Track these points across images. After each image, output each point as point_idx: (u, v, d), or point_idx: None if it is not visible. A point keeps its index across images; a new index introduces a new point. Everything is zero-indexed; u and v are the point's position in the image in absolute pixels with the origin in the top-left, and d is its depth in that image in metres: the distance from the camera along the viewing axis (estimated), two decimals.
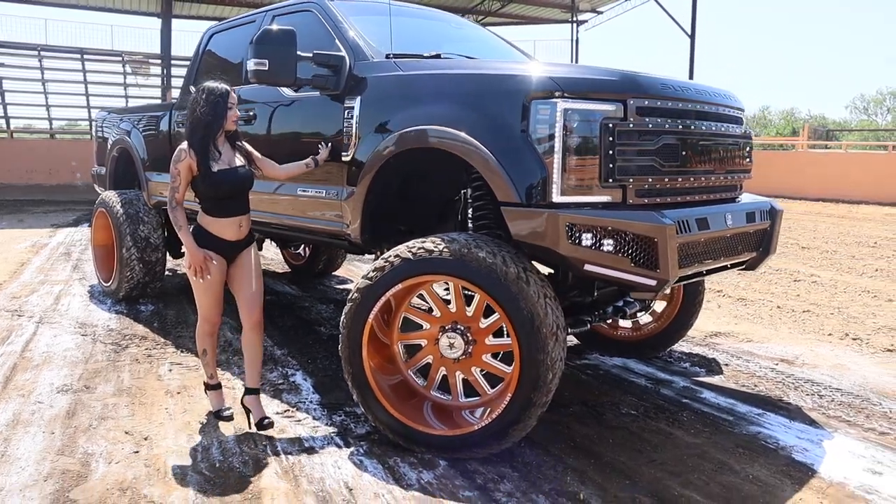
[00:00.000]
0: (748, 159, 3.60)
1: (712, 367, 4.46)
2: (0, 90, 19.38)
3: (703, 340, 5.07)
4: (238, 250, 3.34)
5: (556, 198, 2.75)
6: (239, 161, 3.29)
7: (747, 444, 3.27)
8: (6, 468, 2.85)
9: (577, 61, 26.25)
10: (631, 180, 2.81)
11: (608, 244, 2.72)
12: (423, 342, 3.18)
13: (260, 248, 7.28)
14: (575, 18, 25.89)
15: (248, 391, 3.35)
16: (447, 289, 3.11)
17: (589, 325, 3.61)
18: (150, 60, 22.21)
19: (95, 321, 5.28)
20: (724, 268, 3.49)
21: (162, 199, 5.55)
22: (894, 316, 5.81)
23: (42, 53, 20.58)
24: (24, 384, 3.85)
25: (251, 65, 3.45)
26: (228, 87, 3.23)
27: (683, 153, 2.98)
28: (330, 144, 3.63)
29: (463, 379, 3.12)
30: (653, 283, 2.76)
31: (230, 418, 3.39)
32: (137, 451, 3.04)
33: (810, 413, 3.68)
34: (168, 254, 6.01)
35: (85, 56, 21.04)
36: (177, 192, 3.21)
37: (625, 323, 4.64)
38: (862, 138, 40.18)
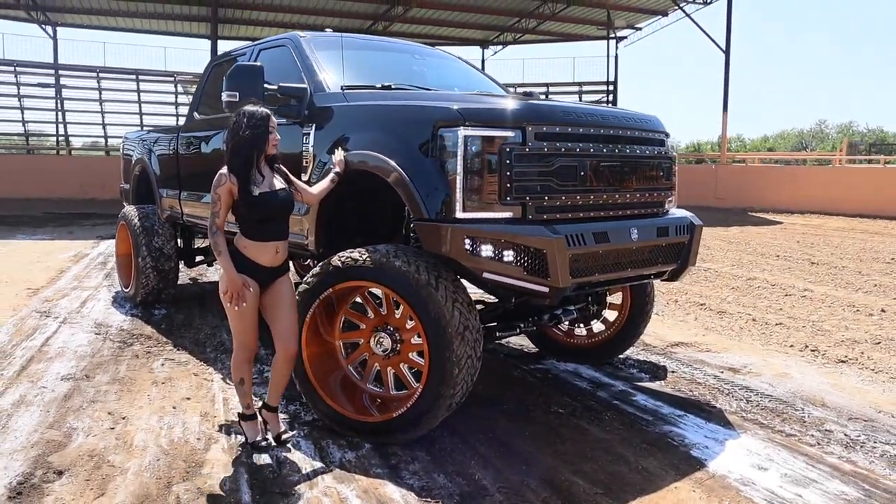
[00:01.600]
0: (667, 178, 3.92)
1: (658, 373, 4.74)
2: (62, 109, 20.85)
3: (662, 349, 5.34)
4: (273, 277, 3.30)
5: (459, 214, 3.15)
6: (279, 184, 3.28)
7: (654, 441, 3.58)
8: (3, 437, 3.40)
9: (616, 78, 26.41)
10: (528, 198, 3.19)
11: (504, 255, 3.11)
12: (361, 341, 3.62)
13: None
14: (612, 35, 26.09)
15: (268, 407, 3.43)
16: (380, 295, 3.54)
17: (519, 331, 3.99)
18: None
19: (111, 322, 5.90)
20: (642, 277, 3.83)
21: (172, 214, 6.17)
22: (866, 329, 5.94)
23: (100, 75, 21.99)
24: (35, 373, 4.45)
25: (224, 96, 3.97)
26: (269, 111, 3.24)
27: (582, 173, 3.34)
28: (341, 150, 3.69)
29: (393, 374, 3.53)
30: (545, 290, 3.13)
31: (266, 449, 3.33)
32: (113, 428, 3.56)
33: (729, 416, 3.95)
34: (183, 263, 6.63)
35: (140, 77, 22.41)
36: (217, 216, 3.15)
37: (579, 331, 4.96)
38: None
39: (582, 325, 4.86)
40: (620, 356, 5.00)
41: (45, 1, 21.08)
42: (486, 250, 3.11)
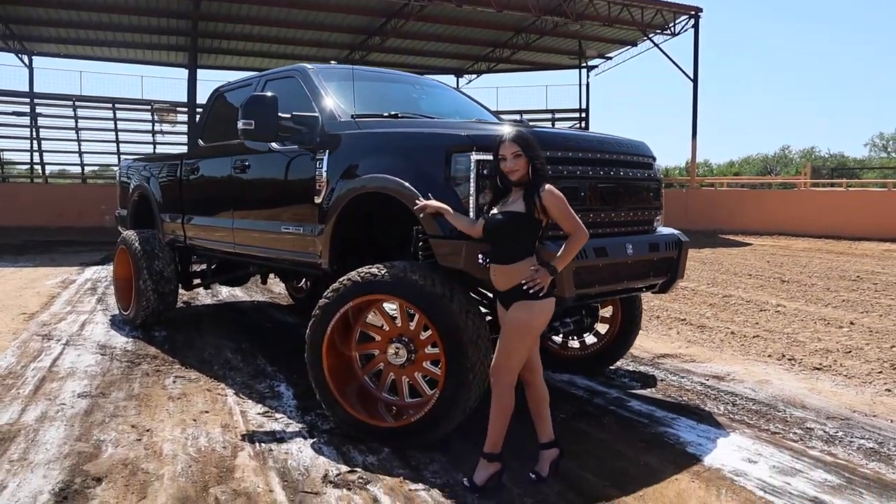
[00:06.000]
0: (656, 198, 4.25)
1: (648, 382, 5.03)
2: (37, 138, 20.79)
3: (650, 361, 5.65)
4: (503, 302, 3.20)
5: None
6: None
7: (651, 440, 3.85)
8: (35, 449, 3.54)
9: (587, 106, 27.20)
10: None
11: None
12: (376, 352, 3.85)
13: (264, 282, 8.05)
14: (584, 64, 26.91)
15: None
16: (395, 308, 3.78)
17: None
18: (178, 109, 23.57)
19: (114, 344, 6.02)
20: (636, 289, 4.13)
21: (174, 238, 6.34)
22: (837, 340, 6.32)
23: (76, 103, 22.01)
24: (50, 391, 4.57)
25: (240, 124, 4.22)
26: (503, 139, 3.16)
27: (583, 194, 3.65)
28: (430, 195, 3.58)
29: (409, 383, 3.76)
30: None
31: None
32: (140, 439, 3.72)
33: (718, 418, 4.24)
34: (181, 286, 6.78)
35: (116, 105, 22.49)
36: None
37: (573, 343, 5.24)
38: (881, 175, 40.35)
39: (576, 337, 5.14)
40: (611, 367, 5.29)
41: (22, 30, 21.12)
42: None
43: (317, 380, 3.77)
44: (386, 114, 4.40)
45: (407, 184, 3.58)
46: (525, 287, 3.05)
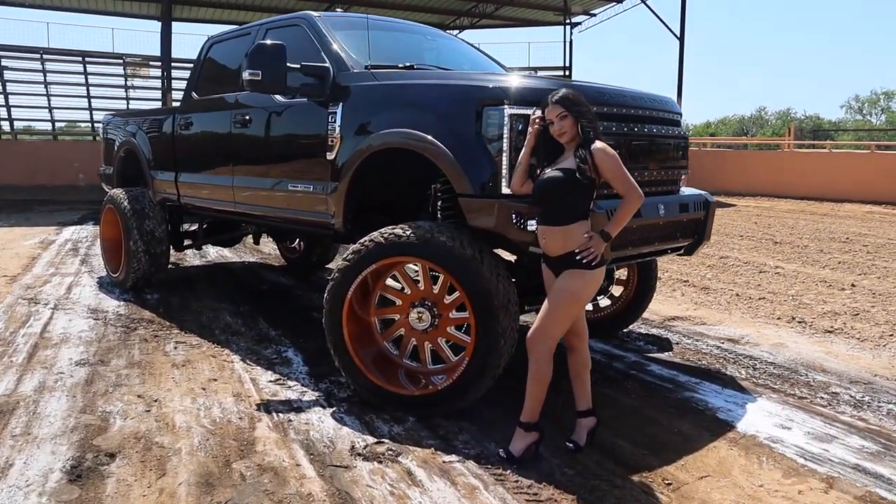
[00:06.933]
0: (684, 157, 4.08)
1: (664, 345, 4.94)
2: (5, 92, 19.88)
3: (661, 323, 5.55)
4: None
5: (505, 189, 3.23)
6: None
7: (679, 405, 3.76)
8: (38, 423, 3.33)
9: (570, 63, 26.78)
10: None
11: None
12: (396, 317, 3.67)
13: (257, 243, 7.79)
14: (568, 21, 26.39)
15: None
16: (417, 271, 3.59)
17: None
18: (151, 63, 22.69)
19: (106, 307, 5.76)
20: (664, 251, 3.99)
21: (167, 196, 6.04)
22: (843, 303, 6.29)
23: (44, 56, 21.04)
24: (45, 359, 4.33)
25: (246, 75, 3.92)
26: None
27: (619, 151, 3.45)
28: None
29: (430, 349, 3.60)
30: None
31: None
32: (149, 410, 3.52)
33: (742, 382, 4.16)
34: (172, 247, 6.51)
35: (86, 59, 21.53)
36: None
37: (587, 306, 5.11)
38: (856, 138, 40.74)
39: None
40: (624, 330, 5.18)
41: None
42: (532, 225, 3.19)
43: (336, 346, 3.59)
44: (401, 65, 4.13)
45: (435, 139, 3.36)
46: (578, 257, 2.88)
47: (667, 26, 21.59)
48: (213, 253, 8.76)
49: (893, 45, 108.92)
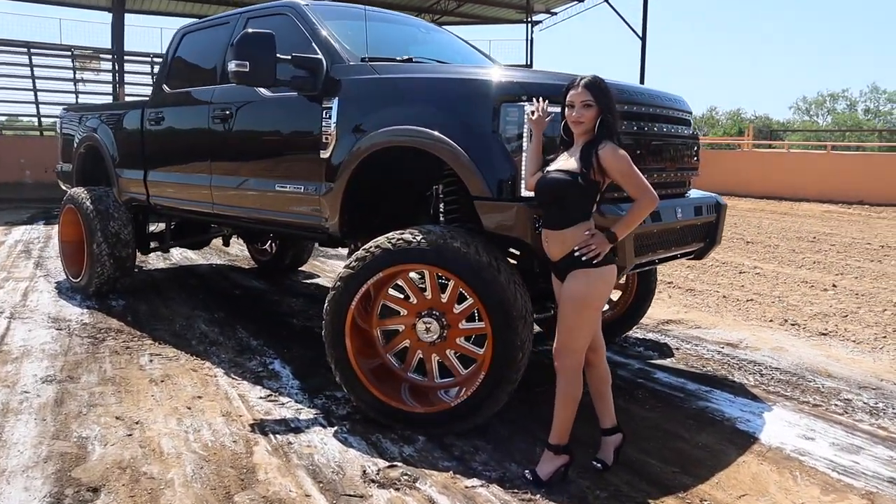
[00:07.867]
0: (696, 158, 3.94)
1: (664, 351, 4.80)
2: None
3: (655, 327, 5.43)
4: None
5: (524, 192, 3.01)
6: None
7: (696, 416, 3.61)
8: (4, 452, 2.97)
9: (531, 62, 26.75)
10: None
11: None
12: (401, 327, 3.41)
13: (227, 245, 7.41)
14: (530, 19, 26.36)
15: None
16: (422, 278, 3.35)
17: (553, 312, 3.89)
18: (102, 56, 21.75)
19: (68, 316, 5.33)
20: (675, 257, 3.83)
21: (134, 196, 5.63)
22: (829, 304, 6.28)
23: None
24: (6, 376, 3.93)
25: (232, 66, 3.61)
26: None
27: (638, 152, 3.28)
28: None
29: (438, 361, 3.35)
30: None
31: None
32: (130, 434, 3.19)
33: (752, 390, 4.04)
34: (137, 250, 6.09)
35: (32, 50, 20.50)
36: None
37: None
38: (804, 138, 41.90)
39: None
40: (622, 336, 5.03)
41: None
42: None
43: (338, 361, 3.32)
44: (399, 58, 3.87)
45: (446, 137, 3.11)
46: (577, 254, 2.67)
47: (629, 26, 21.74)
48: (178, 255, 8.33)
49: (839, 47, 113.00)
